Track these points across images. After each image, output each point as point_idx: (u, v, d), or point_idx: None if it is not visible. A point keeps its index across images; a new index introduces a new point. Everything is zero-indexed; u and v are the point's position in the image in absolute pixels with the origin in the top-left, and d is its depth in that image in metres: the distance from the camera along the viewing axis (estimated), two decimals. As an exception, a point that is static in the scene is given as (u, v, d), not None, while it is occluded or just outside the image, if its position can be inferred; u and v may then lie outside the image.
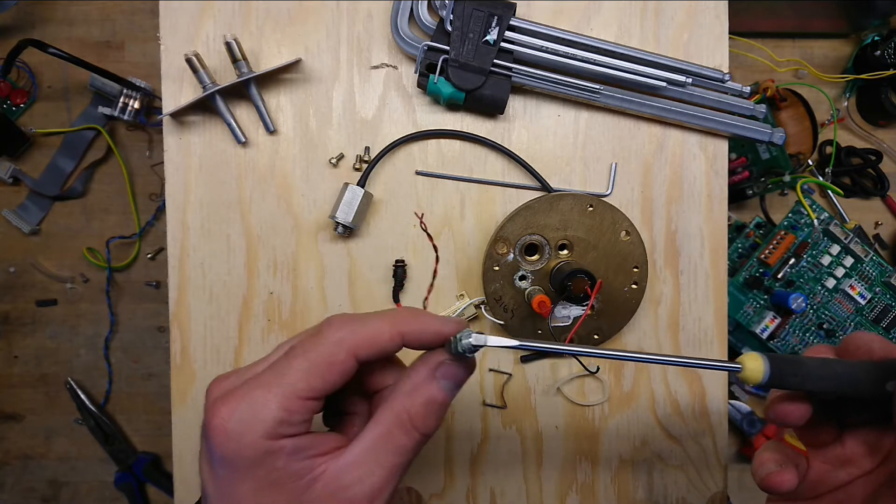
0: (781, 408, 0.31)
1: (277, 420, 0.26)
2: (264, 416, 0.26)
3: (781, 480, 0.31)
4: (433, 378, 0.29)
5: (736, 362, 0.30)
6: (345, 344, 0.28)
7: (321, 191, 0.48)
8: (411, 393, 0.29)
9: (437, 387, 0.29)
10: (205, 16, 0.47)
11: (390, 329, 0.29)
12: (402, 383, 0.30)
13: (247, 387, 0.27)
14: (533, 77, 0.45)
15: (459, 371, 0.30)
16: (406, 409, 0.29)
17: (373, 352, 0.29)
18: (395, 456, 0.28)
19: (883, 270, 0.73)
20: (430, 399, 0.29)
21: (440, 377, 0.29)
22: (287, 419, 0.27)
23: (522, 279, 0.46)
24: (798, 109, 0.79)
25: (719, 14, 0.48)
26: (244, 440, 0.26)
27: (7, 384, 0.86)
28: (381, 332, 0.29)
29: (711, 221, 0.49)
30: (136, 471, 0.85)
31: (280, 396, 0.27)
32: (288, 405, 0.27)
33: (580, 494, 0.50)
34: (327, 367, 0.28)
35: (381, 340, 0.29)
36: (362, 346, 0.28)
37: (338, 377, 0.28)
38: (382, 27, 0.47)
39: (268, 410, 0.26)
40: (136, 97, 0.80)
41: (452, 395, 0.30)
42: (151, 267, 0.86)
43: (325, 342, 0.28)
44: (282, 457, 0.27)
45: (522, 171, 0.48)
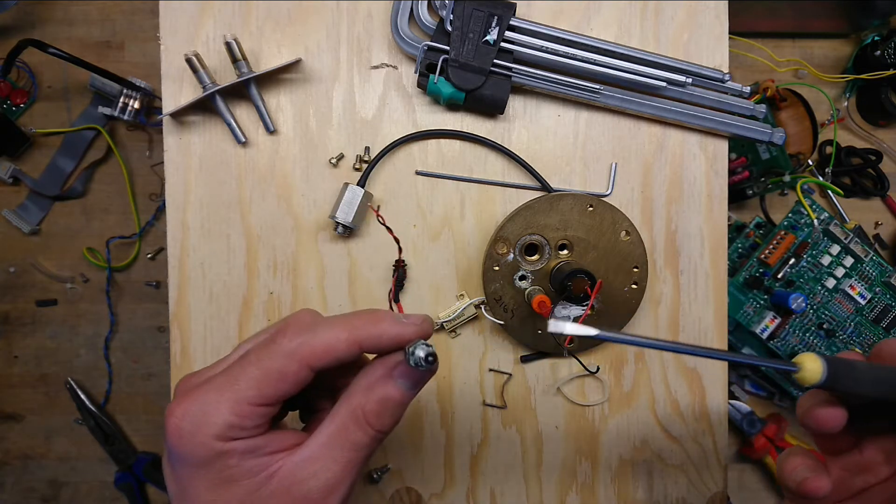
0: (820, 413, 0.31)
1: (228, 424, 0.27)
2: (215, 419, 0.27)
3: (819, 486, 0.31)
4: (390, 377, 0.29)
5: (794, 363, 0.30)
6: (298, 355, 0.28)
7: (321, 191, 0.48)
8: (367, 390, 0.29)
9: (394, 385, 0.29)
10: (205, 16, 0.47)
11: (347, 338, 0.28)
12: (360, 380, 0.30)
13: (201, 389, 0.28)
14: (533, 77, 0.45)
15: (417, 371, 0.29)
16: (361, 405, 0.29)
17: (328, 361, 0.28)
18: (350, 451, 0.28)
19: (883, 270, 0.73)
20: (385, 397, 0.29)
21: (397, 376, 0.29)
22: (238, 423, 0.27)
23: (522, 279, 0.46)
24: (798, 109, 0.79)
25: (719, 14, 0.48)
26: (196, 440, 0.27)
27: (7, 384, 0.86)
28: (336, 341, 0.28)
29: (711, 221, 0.49)
30: (136, 471, 0.85)
31: (231, 402, 0.27)
32: (238, 410, 0.27)
33: (580, 495, 0.50)
34: (279, 376, 0.28)
35: (337, 350, 0.28)
36: (317, 356, 0.28)
37: (290, 386, 0.28)
38: (382, 27, 0.47)
39: (218, 414, 0.27)
40: (136, 97, 0.80)
41: (411, 394, 0.30)
42: (151, 267, 0.86)
43: (279, 352, 0.28)
44: (234, 456, 0.27)
45: (522, 171, 0.48)
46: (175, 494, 0.29)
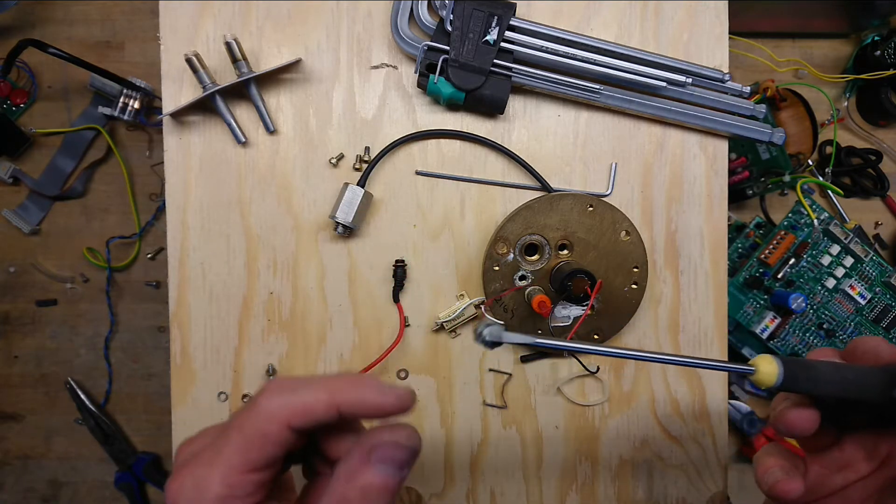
0: (790, 417, 0.31)
1: (218, 496, 0.26)
2: (207, 493, 0.27)
3: (790, 488, 0.31)
4: (368, 462, 0.28)
5: (749, 364, 0.30)
6: (277, 416, 0.27)
7: (321, 191, 0.48)
8: (347, 479, 0.28)
9: (374, 472, 0.27)
10: (205, 16, 0.47)
11: (326, 399, 0.28)
12: (340, 467, 0.28)
13: (192, 462, 0.28)
14: (533, 77, 0.45)
15: (397, 452, 0.28)
16: (343, 496, 0.27)
17: (307, 422, 0.28)
18: None
19: (883, 270, 0.73)
20: (366, 485, 0.27)
21: (376, 461, 0.28)
22: (230, 494, 0.27)
23: (522, 279, 0.46)
24: (798, 109, 0.79)
25: (719, 14, 0.48)
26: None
27: (7, 384, 0.86)
28: (316, 402, 0.28)
29: (711, 221, 0.49)
30: (136, 471, 0.85)
31: (220, 473, 0.27)
32: (229, 481, 0.27)
33: (580, 495, 0.50)
34: (261, 439, 0.27)
35: (316, 412, 0.28)
36: (297, 416, 0.27)
37: (275, 448, 0.27)
38: (382, 27, 0.47)
39: (210, 488, 0.27)
40: (136, 97, 0.80)
41: (397, 476, 0.28)
42: (151, 267, 0.86)
43: (259, 415, 0.27)
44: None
45: (522, 171, 0.48)
46: None
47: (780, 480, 0.31)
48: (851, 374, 0.30)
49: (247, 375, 0.48)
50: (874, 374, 0.29)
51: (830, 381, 0.29)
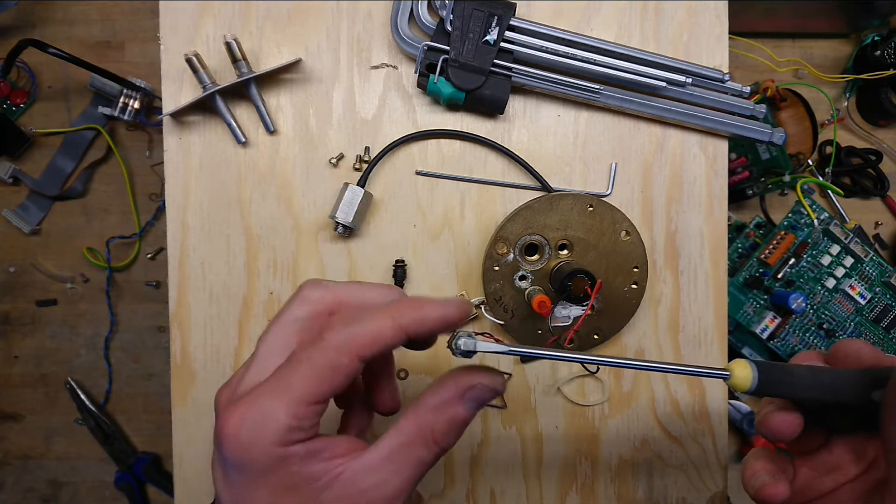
0: (772, 421, 0.31)
1: (287, 427, 0.26)
2: (274, 424, 0.26)
3: (776, 492, 0.31)
4: (461, 399, 0.29)
5: (724, 369, 0.30)
6: (347, 347, 0.28)
7: (321, 191, 0.48)
8: (437, 410, 0.29)
9: (464, 407, 0.29)
10: (205, 16, 0.47)
11: (392, 325, 0.28)
12: (429, 397, 0.30)
13: (254, 394, 0.27)
14: (533, 77, 0.45)
15: (488, 394, 0.30)
16: (430, 424, 0.29)
17: (377, 351, 0.28)
18: (414, 467, 0.28)
19: (883, 270, 0.73)
20: (454, 417, 0.29)
21: (469, 398, 0.29)
22: (297, 425, 0.27)
23: (522, 279, 0.46)
24: (798, 109, 0.79)
25: (719, 14, 0.48)
26: (256, 448, 0.26)
27: (7, 384, 0.86)
28: (383, 330, 0.28)
29: (711, 221, 0.49)
30: (136, 471, 0.85)
31: (287, 404, 0.27)
32: (296, 412, 0.27)
33: (580, 495, 0.50)
34: (332, 372, 0.28)
35: (385, 338, 0.28)
36: (366, 346, 0.28)
37: (343, 379, 0.28)
38: (382, 27, 0.47)
39: (277, 418, 0.26)
40: (136, 97, 0.80)
41: (475, 413, 0.30)
42: (151, 267, 0.86)
43: (329, 348, 0.28)
44: (295, 461, 0.27)
45: (522, 171, 0.48)
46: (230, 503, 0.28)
47: (766, 484, 0.31)
48: (828, 378, 0.30)
49: (247, 375, 0.48)
50: (852, 378, 0.29)
51: (808, 385, 0.29)
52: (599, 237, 0.46)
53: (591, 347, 0.49)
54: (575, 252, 0.46)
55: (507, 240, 0.46)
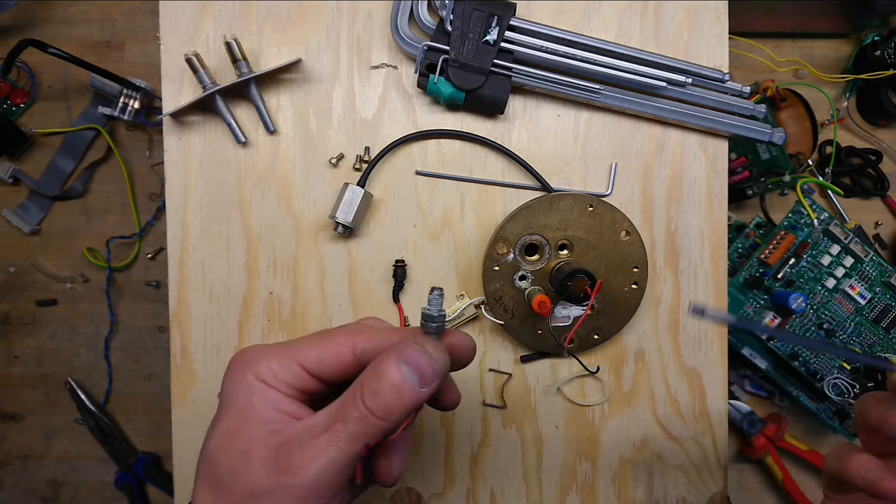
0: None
1: (268, 368, 0.31)
2: (261, 361, 0.31)
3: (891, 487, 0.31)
4: (395, 359, 0.30)
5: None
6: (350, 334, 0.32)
7: (321, 191, 0.48)
8: (371, 368, 0.31)
9: (397, 370, 0.30)
10: (205, 16, 0.47)
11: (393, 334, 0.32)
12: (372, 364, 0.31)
13: (270, 344, 0.33)
14: (533, 77, 0.45)
15: (422, 360, 0.30)
16: (361, 381, 0.30)
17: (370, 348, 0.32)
18: (340, 424, 0.29)
19: (883, 270, 0.73)
20: (383, 375, 0.30)
21: (402, 361, 0.30)
22: (275, 371, 0.31)
23: (522, 279, 0.46)
24: (798, 109, 0.79)
25: (719, 14, 0.48)
26: (239, 373, 0.31)
27: (7, 384, 0.86)
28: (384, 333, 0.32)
29: (711, 221, 0.49)
30: (136, 471, 0.85)
31: (281, 353, 0.31)
32: (282, 362, 0.31)
33: (580, 495, 0.50)
34: (326, 345, 0.32)
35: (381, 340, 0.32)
36: (363, 340, 0.32)
37: (332, 357, 0.32)
38: (382, 27, 0.47)
39: (266, 359, 0.31)
40: (136, 97, 0.80)
41: (414, 386, 0.30)
42: (151, 267, 0.86)
43: (340, 327, 0.33)
44: (257, 395, 0.30)
45: (522, 171, 0.48)
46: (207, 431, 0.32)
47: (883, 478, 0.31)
48: None
49: (247, 375, 0.48)
50: None
51: None
52: (599, 237, 0.46)
53: (591, 347, 0.49)
54: (575, 252, 0.46)
55: (507, 240, 0.46)
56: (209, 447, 0.31)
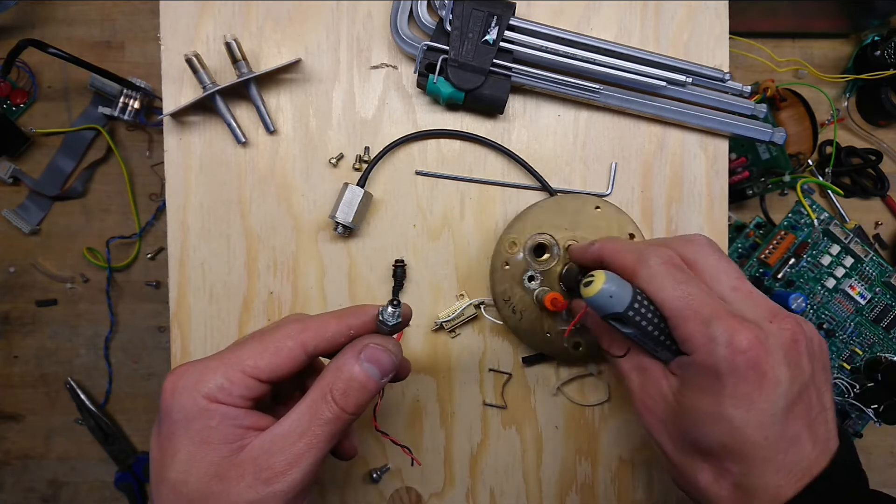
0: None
1: (218, 386, 0.30)
2: (207, 379, 0.31)
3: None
4: (356, 359, 0.32)
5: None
6: (295, 335, 0.32)
7: (321, 191, 0.48)
8: (336, 370, 0.32)
9: (360, 368, 0.32)
10: (205, 16, 0.47)
11: (337, 321, 0.33)
12: (332, 361, 0.33)
13: (204, 359, 0.32)
14: (533, 77, 0.45)
15: (382, 356, 0.32)
16: (329, 383, 0.31)
17: (322, 341, 0.33)
18: (317, 426, 0.31)
19: (883, 270, 0.73)
20: (350, 377, 0.32)
21: (364, 359, 0.32)
22: (227, 388, 0.31)
23: (531, 280, 0.46)
24: (798, 109, 0.79)
25: (719, 14, 0.48)
26: (187, 395, 0.30)
27: (7, 384, 0.86)
28: (327, 324, 0.33)
29: (711, 221, 0.49)
30: (136, 471, 0.85)
31: (226, 367, 0.31)
32: (231, 376, 0.31)
33: (580, 494, 0.50)
34: (275, 351, 0.32)
35: (327, 332, 0.33)
36: (310, 337, 0.32)
37: (283, 362, 0.32)
38: (382, 27, 0.47)
39: (212, 376, 0.31)
40: (136, 97, 0.80)
41: (377, 380, 0.32)
42: (151, 267, 0.86)
43: (279, 331, 0.32)
44: (215, 417, 0.30)
45: (522, 171, 0.48)
46: (155, 460, 0.32)
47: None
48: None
49: (247, 375, 0.48)
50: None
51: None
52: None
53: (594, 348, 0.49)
54: (575, 252, 0.46)
55: (516, 240, 0.46)
56: (170, 477, 0.30)
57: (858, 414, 0.73)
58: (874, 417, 0.70)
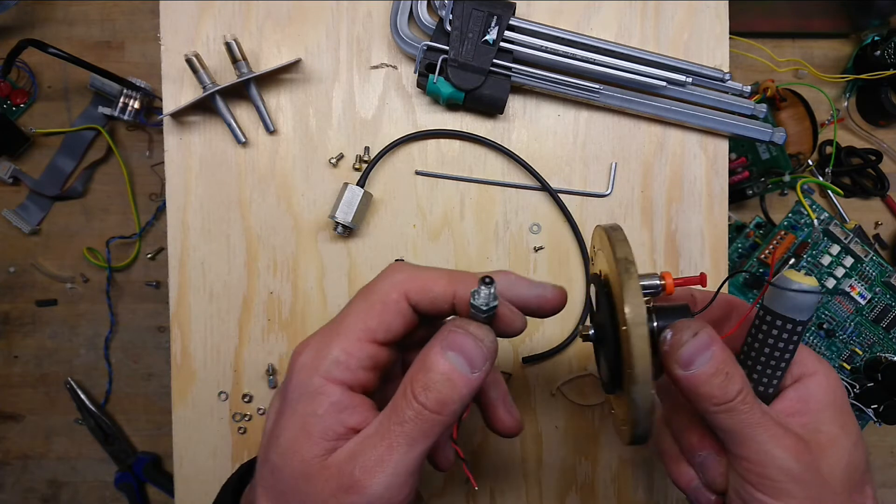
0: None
1: (334, 360, 0.28)
2: (325, 355, 0.28)
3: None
4: (441, 349, 0.28)
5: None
6: (398, 285, 0.29)
7: (321, 191, 0.48)
8: (418, 361, 0.28)
9: (444, 358, 0.28)
10: (205, 16, 0.47)
11: (446, 281, 0.30)
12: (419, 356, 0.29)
13: (318, 333, 0.30)
14: (533, 77, 0.45)
15: (468, 345, 0.28)
16: (410, 377, 0.28)
17: (425, 298, 0.30)
18: (396, 427, 0.27)
19: (883, 270, 0.73)
20: (430, 367, 0.27)
21: (446, 348, 0.28)
22: (344, 361, 0.28)
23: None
24: (798, 109, 0.79)
25: (719, 14, 0.48)
26: (304, 374, 0.28)
27: (7, 384, 0.86)
28: (435, 279, 0.30)
29: (711, 221, 0.49)
30: (136, 471, 0.85)
31: (340, 337, 0.29)
32: (346, 346, 0.28)
33: (580, 494, 0.50)
34: (382, 306, 0.29)
35: (435, 289, 0.29)
36: (415, 289, 0.29)
37: (393, 318, 0.29)
38: (382, 27, 0.47)
39: (328, 351, 0.28)
40: (136, 97, 0.80)
41: (466, 374, 0.28)
42: (151, 267, 0.86)
43: (381, 284, 0.30)
44: (324, 404, 0.28)
45: (522, 171, 0.48)
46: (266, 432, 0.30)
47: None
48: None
49: (247, 375, 0.48)
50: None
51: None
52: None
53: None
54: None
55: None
56: (272, 459, 0.28)
57: (858, 414, 0.73)
58: (874, 417, 0.70)
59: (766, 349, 0.31)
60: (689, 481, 0.34)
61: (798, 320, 0.30)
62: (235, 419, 0.49)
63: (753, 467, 0.30)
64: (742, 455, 0.30)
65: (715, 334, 0.30)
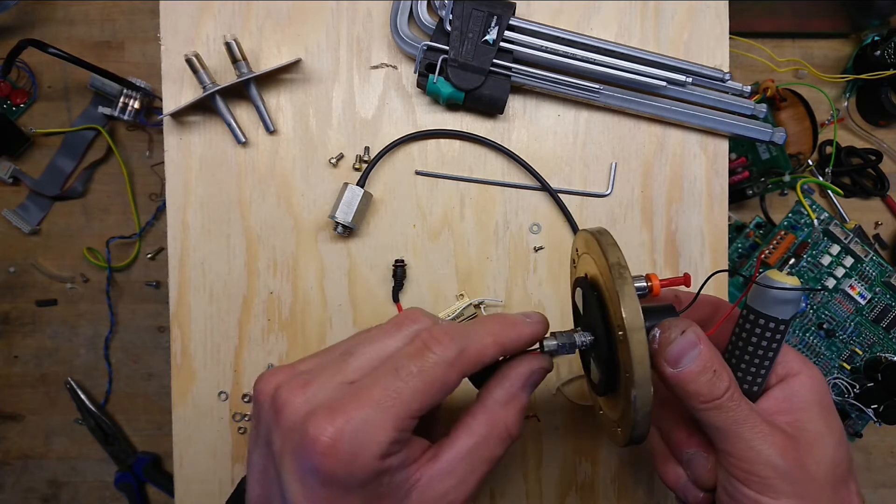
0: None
1: (392, 440, 0.26)
2: (380, 437, 0.26)
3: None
4: (526, 387, 0.30)
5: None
6: (458, 364, 0.28)
7: (321, 191, 0.48)
8: (506, 404, 0.30)
9: (526, 395, 0.30)
10: (205, 16, 0.47)
11: (493, 342, 0.30)
12: (495, 392, 0.30)
13: (353, 405, 0.26)
14: (533, 77, 0.45)
15: (542, 377, 0.31)
16: (503, 419, 0.29)
17: (478, 367, 0.30)
18: (488, 464, 0.29)
19: (883, 270, 0.73)
20: (522, 408, 0.30)
21: (529, 385, 0.30)
22: (399, 438, 0.26)
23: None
24: (798, 109, 0.79)
25: (719, 14, 0.48)
26: (358, 461, 0.25)
27: (7, 384, 0.86)
28: (486, 347, 0.29)
29: (711, 221, 0.49)
30: (136, 471, 0.85)
31: (395, 417, 0.26)
32: (401, 425, 0.26)
33: (580, 494, 0.50)
34: (441, 387, 0.28)
35: (486, 356, 0.29)
36: (471, 363, 0.29)
37: (446, 395, 0.29)
38: (382, 27, 0.47)
39: (383, 431, 0.26)
40: (136, 97, 0.80)
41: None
42: (151, 267, 0.86)
43: (439, 363, 0.28)
44: (388, 474, 0.27)
45: (522, 171, 0.48)
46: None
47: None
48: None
49: (247, 375, 0.48)
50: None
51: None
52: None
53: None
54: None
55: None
56: None
57: (858, 414, 0.73)
58: (874, 417, 0.70)
59: (751, 347, 0.32)
60: (677, 479, 0.35)
61: (781, 319, 0.31)
62: (235, 419, 0.49)
63: (741, 464, 0.30)
64: (730, 452, 0.31)
65: (702, 333, 0.31)
